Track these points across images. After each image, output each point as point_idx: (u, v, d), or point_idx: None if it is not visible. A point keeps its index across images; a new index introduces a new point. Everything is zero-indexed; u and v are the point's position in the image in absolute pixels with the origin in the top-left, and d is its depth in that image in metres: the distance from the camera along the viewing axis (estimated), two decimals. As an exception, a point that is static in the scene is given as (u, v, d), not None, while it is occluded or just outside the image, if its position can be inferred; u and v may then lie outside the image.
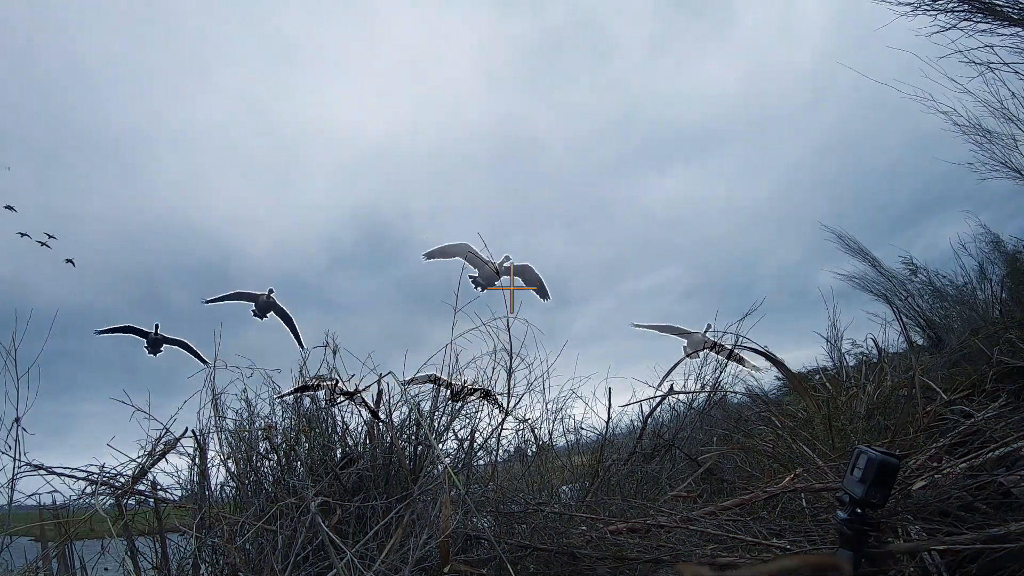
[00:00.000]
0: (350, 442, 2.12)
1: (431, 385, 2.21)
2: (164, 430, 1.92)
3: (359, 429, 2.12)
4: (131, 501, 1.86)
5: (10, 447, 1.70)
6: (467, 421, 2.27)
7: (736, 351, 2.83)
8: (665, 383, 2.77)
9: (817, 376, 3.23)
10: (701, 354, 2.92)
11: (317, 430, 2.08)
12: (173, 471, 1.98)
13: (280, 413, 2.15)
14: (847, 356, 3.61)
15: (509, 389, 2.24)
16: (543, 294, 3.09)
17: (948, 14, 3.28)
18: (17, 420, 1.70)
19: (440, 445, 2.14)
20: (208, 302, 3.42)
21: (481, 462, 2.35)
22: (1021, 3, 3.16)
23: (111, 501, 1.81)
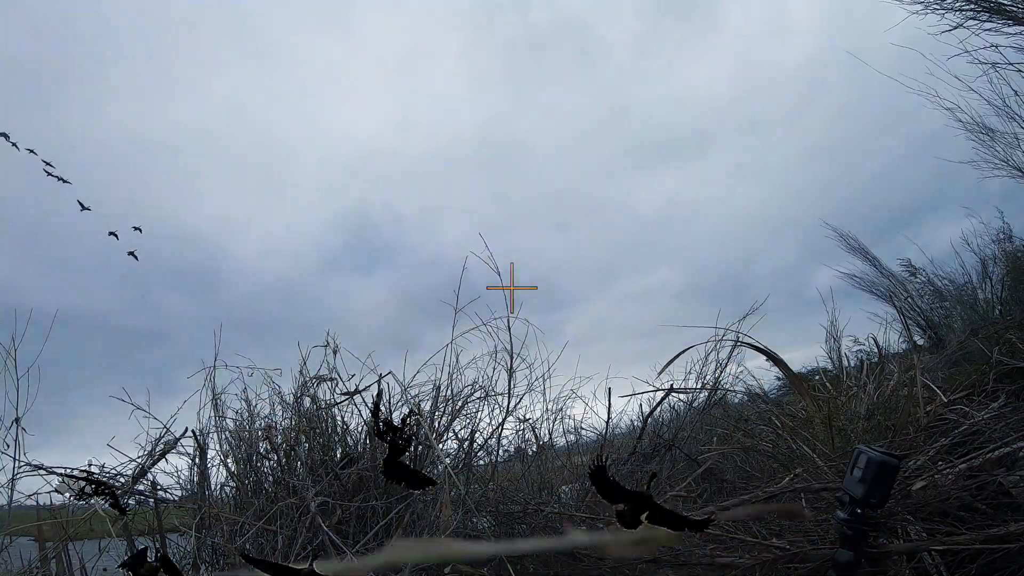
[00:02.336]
0: (350, 442, 2.12)
1: (431, 385, 2.21)
2: (164, 430, 1.92)
3: (359, 429, 2.12)
4: (131, 501, 1.86)
5: (9, 446, 1.70)
6: (467, 421, 2.27)
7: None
8: (664, 375, 2.76)
9: (817, 376, 3.23)
10: (702, 353, 2.91)
11: (317, 430, 2.08)
12: (173, 471, 1.99)
13: (280, 413, 2.15)
14: (847, 356, 3.61)
15: (510, 389, 2.24)
16: None
17: (956, 13, 3.28)
18: (17, 420, 1.70)
19: (440, 445, 2.14)
20: None
21: (481, 462, 2.35)
22: None
23: (111, 501, 1.80)
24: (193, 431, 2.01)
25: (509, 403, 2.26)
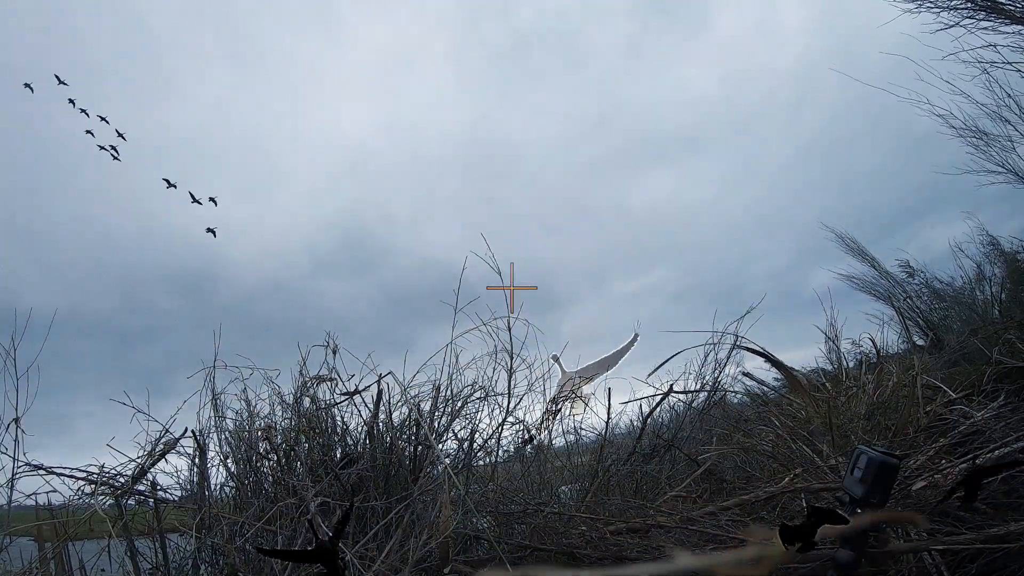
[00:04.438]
0: (350, 442, 2.11)
1: (431, 385, 2.20)
2: (164, 430, 1.92)
3: (359, 429, 2.12)
4: (131, 501, 1.86)
5: (9, 447, 1.70)
6: (467, 422, 2.27)
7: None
8: (664, 376, 2.75)
9: (816, 375, 3.23)
10: (702, 354, 2.90)
11: (317, 430, 2.08)
12: (173, 471, 1.98)
13: (280, 413, 2.14)
14: (846, 356, 3.61)
15: (509, 389, 2.24)
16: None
17: (951, 12, 3.28)
18: (16, 420, 1.70)
19: (440, 445, 2.14)
20: None
21: (481, 462, 2.35)
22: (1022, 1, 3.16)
23: (111, 501, 1.80)
24: (193, 431, 2.01)
25: (509, 403, 2.26)
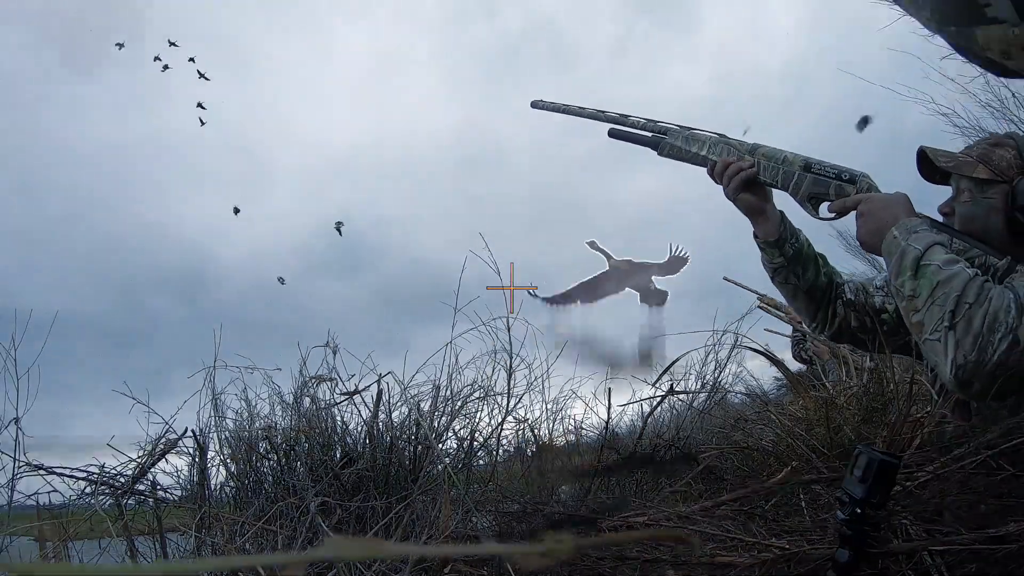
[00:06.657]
0: (350, 442, 2.12)
1: (430, 385, 2.20)
2: (165, 428, 1.92)
3: (359, 429, 2.12)
4: (131, 501, 1.86)
5: (9, 447, 1.70)
6: (467, 421, 2.27)
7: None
8: (664, 376, 2.75)
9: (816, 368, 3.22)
10: (702, 354, 2.90)
11: (317, 430, 2.08)
12: (173, 471, 1.98)
13: (280, 413, 2.15)
14: (846, 355, 3.61)
15: (509, 389, 2.24)
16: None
17: None
18: (16, 420, 1.71)
19: (440, 445, 2.14)
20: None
21: (481, 462, 2.35)
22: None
23: (111, 501, 1.81)
24: (193, 431, 2.01)
25: (508, 402, 2.26)
